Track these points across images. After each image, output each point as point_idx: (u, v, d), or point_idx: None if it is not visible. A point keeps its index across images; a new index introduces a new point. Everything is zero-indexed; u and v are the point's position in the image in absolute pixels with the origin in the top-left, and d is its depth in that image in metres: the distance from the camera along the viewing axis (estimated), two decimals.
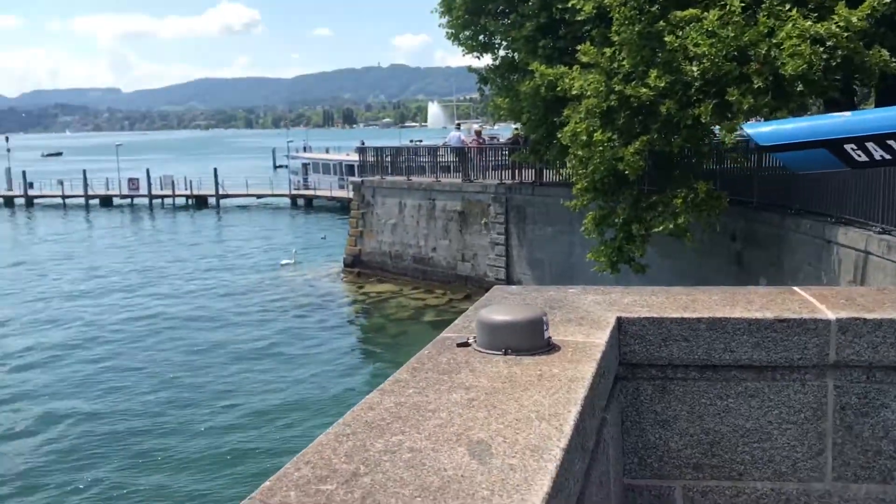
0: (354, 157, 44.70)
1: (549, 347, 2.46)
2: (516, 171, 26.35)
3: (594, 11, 16.77)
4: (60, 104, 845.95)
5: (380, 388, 2.24)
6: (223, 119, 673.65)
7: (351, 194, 35.18)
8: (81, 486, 13.96)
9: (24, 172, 64.30)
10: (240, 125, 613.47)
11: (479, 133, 32.89)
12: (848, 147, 2.65)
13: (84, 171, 63.10)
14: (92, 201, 62.27)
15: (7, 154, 71.51)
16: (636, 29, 15.77)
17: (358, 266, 31.31)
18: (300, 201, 59.18)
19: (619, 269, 17.87)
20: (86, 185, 62.64)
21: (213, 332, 24.16)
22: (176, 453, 15.27)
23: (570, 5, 17.47)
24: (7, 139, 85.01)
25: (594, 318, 2.83)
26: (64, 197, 63.16)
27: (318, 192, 57.31)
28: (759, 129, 3.03)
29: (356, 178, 33.94)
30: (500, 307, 2.60)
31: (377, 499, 1.58)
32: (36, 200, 64.06)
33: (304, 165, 61.82)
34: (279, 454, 14.67)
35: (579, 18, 17.46)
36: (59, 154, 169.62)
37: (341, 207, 49.86)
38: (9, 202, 64.01)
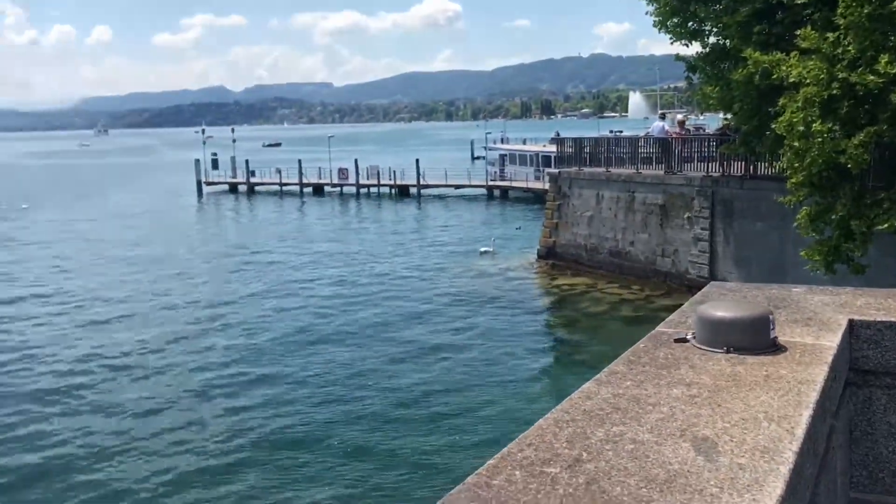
0: (551, 148, 44.64)
1: (776, 348, 2.36)
2: (724, 163, 25.14)
3: None
4: (279, 98, 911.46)
5: (596, 379, 2.26)
6: (425, 112, 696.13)
7: (546, 186, 35.18)
8: (295, 465, 15.00)
9: (246, 161, 70.00)
10: (440, 118, 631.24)
11: (682, 123, 31.73)
12: None
13: (299, 161, 67.63)
14: (305, 189, 66.63)
15: (232, 144, 78.02)
16: (865, 11, 14.53)
17: (552, 258, 31.28)
18: (496, 192, 59.97)
19: (835, 269, 16.61)
20: (301, 174, 67.10)
21: (414, 317, 25.12)
22: (383, 433, 16.07)
23: None
24: (233, 130, 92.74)
25: (823, 319, 2.67)
26: (281, 184, 68.07)
27: (514, 184, 57.83)
28: None
29: (552, 170, 33.87)
30: (722, 303, 2.52)
31: (602, 486, 1.61)
32: (256, 187, 69.48)
33: (501, 157, 62.56)
34: (481, 441, 15.04)
35: (799, 2, 16.36)
36: (278, 145, 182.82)
37: (536, 198, 50.04)
38: (233, 188, 69.88)
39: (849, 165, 15.16)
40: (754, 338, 2.34)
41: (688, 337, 2.49)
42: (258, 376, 19.66)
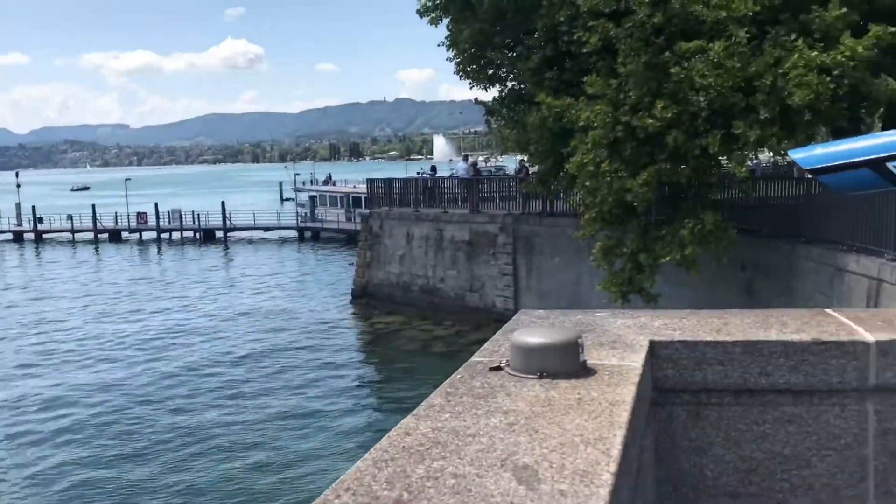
0: (362, 189, 44.92)
1: (585, 370, 2.40)
2: (524, 201, 26.38)
3: (600, 43, 16.84)
4: (69, 140, 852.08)
5: (414, 414, 2.19)
6: (230, 154, 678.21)
7: (358, 226, 35.25)
8: None
9: (33, 207, 64.55)
10: (247, 160, 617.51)
11: (474, 164, 32.94)
12: (892, 165, 2.64)
13: (93, 206, 63.39)
14: (101, 235, 62.45)
15: (17, 190, 71.83)
16: (642, 60, 15.86)
17: (366, 297, 31.25)
18: (307, 234, 59.31)
19: (630, 299, 17.77)
20: (95, 220, 62.87)
21: (227, 363, 24.08)
22: (195, 489, 15.12)
23: (575, 38, 17.55)
24: (17, 175, 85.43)
25: (627, 341, 2.77)
26: (73, 231, 63.34)
27: (326, 224, 57.47)
28: (803, 154, 3.00)
29: (363, 210, 34.02)
30: (535, 330, 2.55)
31: None
32: (45, 235, 64.23)
33: (312, 198, 62.03)
34: (299, 491, 14.54)
35: (585, 51, 17.51)
36: (87, 188, 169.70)
37: (348, 239, 50.04)
38: (18, 237, 64.20)
39: (635, 203, 16.37)
40: (565, 362, 2.37)
41: (502, 365, 2.49)
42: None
